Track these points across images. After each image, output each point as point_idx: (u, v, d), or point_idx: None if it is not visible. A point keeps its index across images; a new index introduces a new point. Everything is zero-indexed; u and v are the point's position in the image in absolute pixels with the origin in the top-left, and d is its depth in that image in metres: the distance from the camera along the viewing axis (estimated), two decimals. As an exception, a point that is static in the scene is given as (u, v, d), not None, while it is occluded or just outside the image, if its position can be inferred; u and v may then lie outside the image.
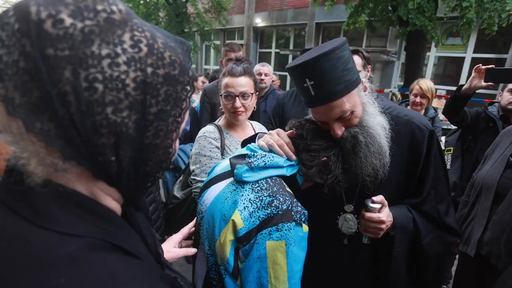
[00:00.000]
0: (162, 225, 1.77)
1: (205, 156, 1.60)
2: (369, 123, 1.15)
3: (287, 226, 0.89)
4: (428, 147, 1.23)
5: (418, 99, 2.83)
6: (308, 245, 1.24)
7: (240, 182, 0.99)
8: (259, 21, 12.90)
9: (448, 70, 8.84)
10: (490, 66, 1.99)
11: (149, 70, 0.45)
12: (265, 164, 1.00)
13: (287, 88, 12.23)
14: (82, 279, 0.39)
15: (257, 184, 0.97)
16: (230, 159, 1.07)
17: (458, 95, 2.18)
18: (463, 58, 8.43)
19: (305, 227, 0.94)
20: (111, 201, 0.51)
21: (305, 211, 0.96)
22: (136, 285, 0.43)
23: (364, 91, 1.16)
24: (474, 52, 8.25)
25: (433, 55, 8.95)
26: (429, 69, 9.08)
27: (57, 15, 0.40)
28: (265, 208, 0.91)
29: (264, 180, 0.99)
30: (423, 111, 2.92)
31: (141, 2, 11.21)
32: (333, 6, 6.35)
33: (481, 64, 2.04)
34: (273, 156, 1.03)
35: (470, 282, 1.71)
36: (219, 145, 1.64)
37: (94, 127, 0.42)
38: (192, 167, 1.64)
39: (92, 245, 0.42)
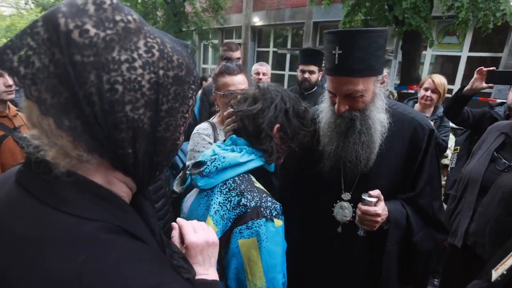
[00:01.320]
0: (170, 219, 1.82)
1: (198, 152, 1.66)
2: (371, 114, 1.20)
3: (257, 223, 0.90)
4: (427, 144, 1.27)
5: (428, 93, 2.68)
6: (300, 231, 1.29)
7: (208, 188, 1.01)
8: (257, 20, 12.91)
9: (445, 69, 8.89)
10: (491, 68, 2.05)
11: (161, 72, 0.51)
12: (216, 168, 0.99)
13: (285, 87, 12.25)
14: (99, 257, 0.44)
15: (225, 186, 0.99)
16: (189, 169, 1.08)
17: (460, 96, 2.23)
18: (459, 57, 8.49)
19: (277, 222, 0.94)
20: (125, 189, 0.56)
21: (277, 205, 0.96)
22: (145, 265, 0.48)
23: (381, 83, 1.20)
24: (470, 51, 8.32)
25: (429, 54, 9.01)
26: (426, 68, 9.14)
27: (83, 26, 0.45)
28: (234, 208, 0.93)
29: (232, 179, 1.00)
30: (432, 109, 2.80)
31: (139, 1, 11.19)
32: (330, 5, 6.38)
33: (483, 67, 2.09)
34: (224, 157, 1.01)
35: (457, 272, 1.78)
36: (212, 141, 1.70)
37: (115, 123, 0.48)
38: (187, 163, 1.70)
39: (106, 228, 0.47)
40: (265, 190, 1.02)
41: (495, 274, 0.94)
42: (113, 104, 0.47)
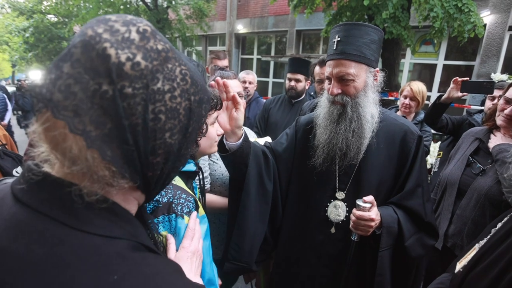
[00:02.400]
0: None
1: None
2: (362, 103, 1.28)
3: (167, 218, 0.93)
4: (416, 148, 1.34)
5: (407, 101, 2.76)
6: (294, 230, 1.30)
7: None
8: (241, 28, 13.02)
9: (422, 76, 9.23)
10: (465, 78, 2.22)
11: (192, 98, 0.52)
12: None
13: (269, 93, 12.37)
14: (133, 276, 0.43)
15: None
16: None
17: (438, 104, 2.38)
18: (435, 65, 8.85)
19: (186, 219, 0.96)
20: (136, 206, 0.56)
21: (190, 203, 0.99)
22: (175, 278, 0.49)
23: (375, 80, 1.31)
24: (445, 59, 8.68)
25: (408, 61, 9.34)
26: (405, 75, 9.45)
27: (134, 58, 0.45)
28: (150, 204, 0.95)
29: None
30: (412, 115, 2.88)
31: (121, 7, 11.06)
32: (312, 14, 6.52)
33: (458, 77, 2.26)
34: None
35: (438, 274, 1.83)
36: None
37: (154, 149, 0.49)
38: None
39: (131, 246, 0.47)
40: (183, 187, 1.03)
41: (459, 266, 0.99)
42: (155, 132, 0.47)
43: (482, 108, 2.68)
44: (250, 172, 1.35)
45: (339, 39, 1.24)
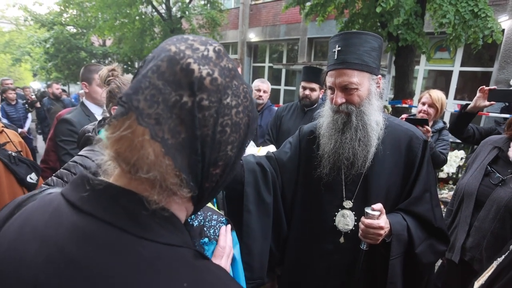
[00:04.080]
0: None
1: None
2: (367, 111, 1.26)
3: (199, 243, 0.88)
4: (422, 153, 1.32)
5: (425, 107, 2.70)
6: (301, 241, 1.26)
7: None
8: (253, 36, 13.15)
9: (438, 83, 9.05)
10: (492, 87, 2.20)
11: (250, 115, 0.56)
12: None
13: (281, 101, 12.37)
14: (201, 283, 0.45)
15: None
16: None
17: (464, 113, 2.32)
18: (451, 71, 8.66)
19: None
20: (184, 216, 0.57)
21: (222, 224, 0.91)
22: (233, 284, 0.51)
23: (377, 87, 1.30)
24: (462, 65, 8.49)
25: (422, 68, 9.19)
26: (419, 82, 9.29)
27: (213, 73, 0.49)
28: None
29: None
30: (430, 123, 2.79)
31: (137, 18, 11.37)
32: (324, 22, 6.53)
33: (484, 86, 2.23)
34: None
35: (457, 289, 1.75)
36: None
37: (216, 161, 0.52)
38: None
39: (192, 253, 0.49)
40: (213, 208, 0.98)
41: (477, 285, 0.94)
42: (220, 144, 0.51)
43: (507, 116, 2.60)
44: (247, 190, 1.35)
45: (339, 48, 1.23)
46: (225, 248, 0.81)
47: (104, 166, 0.52)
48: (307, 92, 2.94)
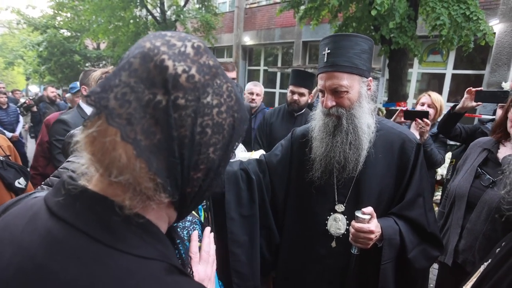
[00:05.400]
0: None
1: None
2: (357, 114, 1.25)
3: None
4: (415, 156, 1.31)
5: (425, 107, 2.69)
6: (294, 245, 1.24)
7: None
8: (248, 40, 13.17)
9: (431, 86, 9.13)
10: (479, 88, 2.25)
11: (235, 115, 0.53)
12: None
13: (276, 104, 12.39)
14: None
15: None
16: None
17: (452, 114, 2.38)
18: (444, 74, 8.75)
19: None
20: (166, 223, 0.54)
21: (196, 225, 0.93)
22: None
23: (368, 90, 1.29)
24: (454, 68, 8.58)
25: (415, 71, 9.27)
26: (413, 85, 9.37)
27: (189, 70, 0.46)
28: None
29: None
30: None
31: (131, 21, 11.33)
32: (318, 25, 6.57)
33: (471, 87, 2.28)
34: None
35: (450, 292, 1.75)
36: None
37: (197, 164, 0.48)
38: None
39: (164, 268, 0.46)
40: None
41: None
42: (200, 146, 0.48)
43: (494, 117, 2.71)
44: (228, 198, 1.36)
45: (329, 51, 1.22)
46: (209, 253, 0.79)
47: (84, 170, 0.49)
48: (296, 97, 2.83)
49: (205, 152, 0.48)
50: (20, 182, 1.96)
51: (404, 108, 2.81)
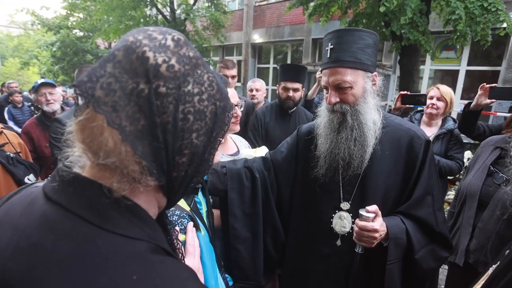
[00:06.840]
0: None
1: None
2: (362, 110, 1.23)
3: None
4: (424, 154, 1.27)
5: (434, 101, 2.63)
6: (299, 243, 1.23)
7: None
8: (257, 38, 13.14)
9: (444, 82, 8.88)
10: (493, 84, 2.20)
11: (217, 103, 0.56)
12: None
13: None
14: (151, 277, 0.45)
15: None
16: None
17: (467, 112, 2.32)
18: (457, 71, 8.54)
19: (182, 237, 0.94)
20: (156, 208, 0.58)
21: (184, 220, 0.95)
22: (191, 283, 0.50)
23: (373, 85, 1.26)
24: (469, 64, 8.36)
25: (428, 68, 9.07)
26: (425, 82, 9.18)
27: (169, 60, 0.49)
28: None
29: None
30: (439, 121, 2.71)
31: (141, 20, 11.44)
32: (328, 22, 6.50)
33: (485, 83, 2.23)
34: None
35: (461, 293, 1.70)
36: None
37: (181, 149, 0.52)
38: None
39: (151, 248, 0.49)
40: (177, 203, 0.99)
41: None
42: (183, 132, 0.51)
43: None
44: (231, 196, 1.37)
45: (332, 46, 1.20)
46: (194, 246, 0.84)
47: (77, 159, 0.53)
48: (290, 93, 2.65)
49: (188, 138, 0.52)
50: (30, 179, 2.00)
51: (404, 92, 2.72)
